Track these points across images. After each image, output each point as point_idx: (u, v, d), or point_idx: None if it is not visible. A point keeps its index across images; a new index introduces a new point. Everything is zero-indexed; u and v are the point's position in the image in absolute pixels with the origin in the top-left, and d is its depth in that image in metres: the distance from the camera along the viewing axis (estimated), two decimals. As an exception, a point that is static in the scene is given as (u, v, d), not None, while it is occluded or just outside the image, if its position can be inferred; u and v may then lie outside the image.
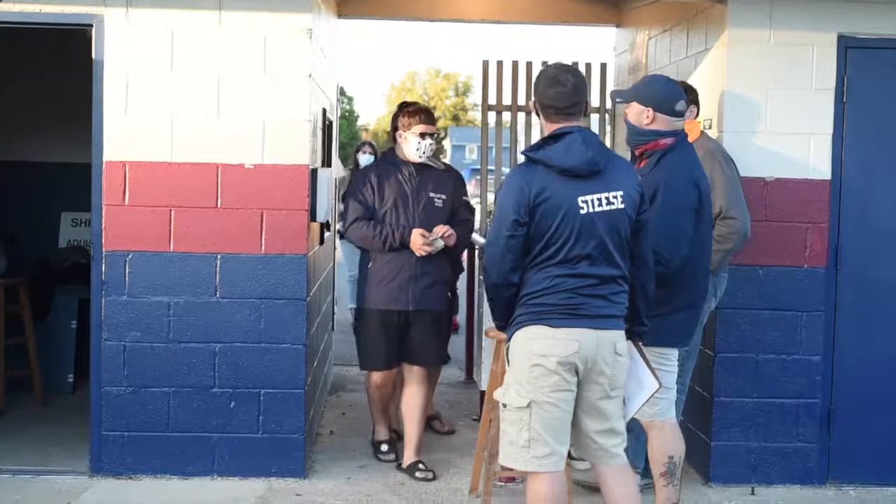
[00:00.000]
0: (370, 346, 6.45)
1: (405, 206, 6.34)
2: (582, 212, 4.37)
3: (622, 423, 4.59)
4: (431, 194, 6.41)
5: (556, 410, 4.41)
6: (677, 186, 4.99)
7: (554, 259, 4.38)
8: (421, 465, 6.30)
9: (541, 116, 4.56)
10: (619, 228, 4.44)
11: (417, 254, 6.24)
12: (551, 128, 4.51)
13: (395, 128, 6.57)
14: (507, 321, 4.55)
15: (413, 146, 6.39)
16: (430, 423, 7.09)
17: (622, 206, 4.44)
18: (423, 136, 6.39)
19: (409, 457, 6.37)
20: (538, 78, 4.62)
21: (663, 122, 5.09)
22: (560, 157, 4.38)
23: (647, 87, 5.26)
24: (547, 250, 4.38)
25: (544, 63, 9.91)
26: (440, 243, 6.28)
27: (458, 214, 6.51)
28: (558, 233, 4.36)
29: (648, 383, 4.70)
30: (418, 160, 6.41)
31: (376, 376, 6.52)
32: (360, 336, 6.59)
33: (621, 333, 4.50)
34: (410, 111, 6.49)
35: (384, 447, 6.60)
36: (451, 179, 6.59)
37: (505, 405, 4.51)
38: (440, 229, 6.28)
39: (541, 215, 4.35)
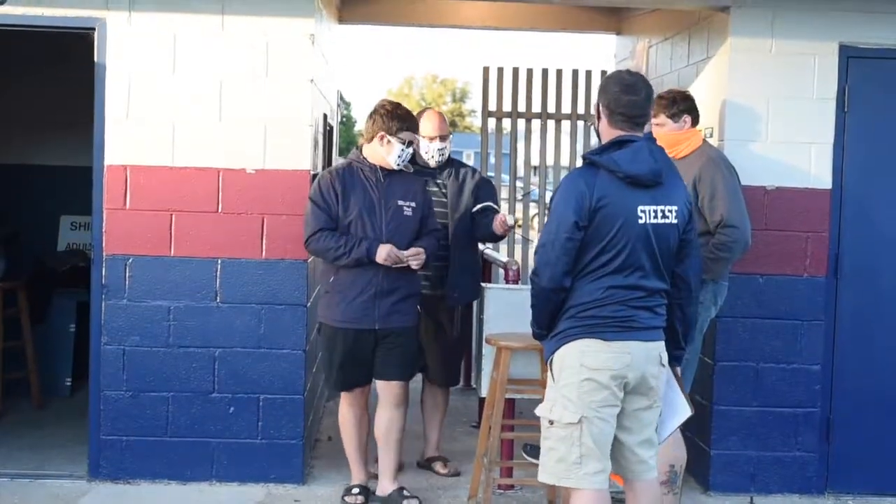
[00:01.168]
0: (337, 366, 5.85)
1: (371, 215, 5.74)
2: (640, 221, 4.30)
3: (655, 434, 4.52)
4: (400, 202, 5.82)
5: (605, 426, 4.33)
6: None
7: (607, 268, 4.30)
8: (405, 492, 5.90)
9: (602, 120, 4.46)
10: (669, 243, 4.39)
11: (384, 263, 5.69)
12: (613, 134, 4.41)
13: (377, 129, 5.82)
14: (548, 330, 4.45)
15: (395, 153, 5.79)
16: (431, 464, 6.56)
17: (675, 221, 4.39)
18: (409, 144, 5.85)
19: (385, 487, 5.94)
20: (608, 82, 4.51)
21: None
22: (627, 163, 4.29)
23: None
24: (600, 258, 4.29)
25: (544, 70, 9.95)
26: (414, 262, 5.75)
27: (427, 223, 5.96)
28: (615, 240, 4.27)
29: (682, 408, 4.67)
30: (393, 167, 5.85)
31: (346, 397, 5.96)
32: (323, 354, 6.01)
33: (663, 344, 4.46)
34: (401, 115, 5.86)
35: (355, 490, 5.92)
36: (420, 185, 6.01)
37: (552, 422, 4.39)
38: (412, 253, 5.75)
39: (599, 221, 4.26)
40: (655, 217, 4.34)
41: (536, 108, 10.05)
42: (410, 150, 5.88)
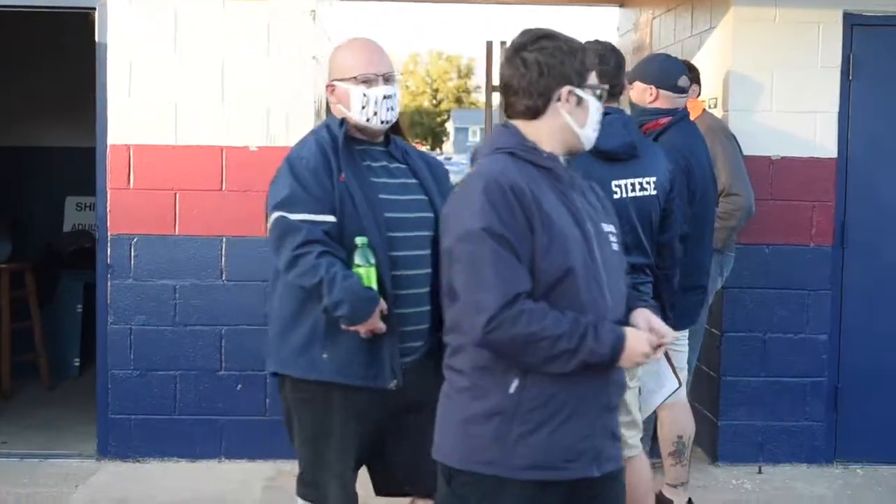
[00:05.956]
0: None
1: (588, 258, 2.94)
2: (615, 197, 4.21)
3: (640, 414, 4.49)
4: (604, 225, 3.10)
5: None
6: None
7: None
8: None
9: None
10: (650, 215, 4.34)
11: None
12: None
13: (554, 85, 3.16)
14: None
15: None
16: None
17: (654, 192, 4.33)
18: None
19: None
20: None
21: (666, 100, 5.06)
22: (603, 137, 4.21)
23: (648, 64, 5.24)
24: None
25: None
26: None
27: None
28: None
29: (669, 381, 4.65)
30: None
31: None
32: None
33: None
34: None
35: None
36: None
37: None
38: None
39: None
40: (633, 190, 4.28)
41: (540, 82, 10.01)
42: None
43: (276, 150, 5.99)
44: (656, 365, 4.54)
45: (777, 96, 6.15)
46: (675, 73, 5.11)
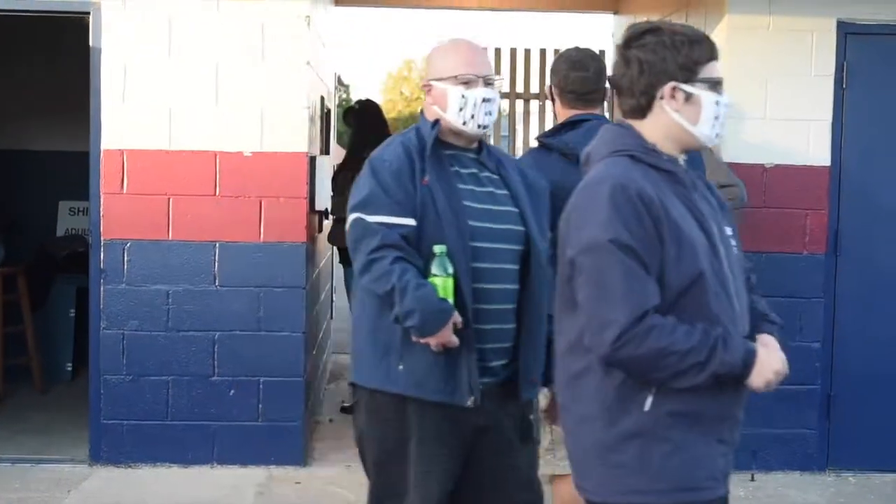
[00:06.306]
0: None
1: (717, 268, 2.82)
2: None
3: None
4: (727, 229, 2.99)
5: None
6: None
7: None
8: None
9: (557, 101, 4.32)
10: None
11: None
12: (567, 114, 4.27)
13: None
14: None
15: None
16: None
17: None
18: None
19: None
20: (558, 61, 4.35)
21: None
22: (580, 144, 3.96)
23: None
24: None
25: (542, 51, 9.92)
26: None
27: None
28: None
29: None
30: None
31: None
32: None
33: None
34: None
35: None
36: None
37: None
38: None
39: (552, 206, 4.01)
40: None
41: (535, 88, 10.02)
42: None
43: (270, 156, 6.00)
44: None
45: (771, 104, 6.16)
46: None
